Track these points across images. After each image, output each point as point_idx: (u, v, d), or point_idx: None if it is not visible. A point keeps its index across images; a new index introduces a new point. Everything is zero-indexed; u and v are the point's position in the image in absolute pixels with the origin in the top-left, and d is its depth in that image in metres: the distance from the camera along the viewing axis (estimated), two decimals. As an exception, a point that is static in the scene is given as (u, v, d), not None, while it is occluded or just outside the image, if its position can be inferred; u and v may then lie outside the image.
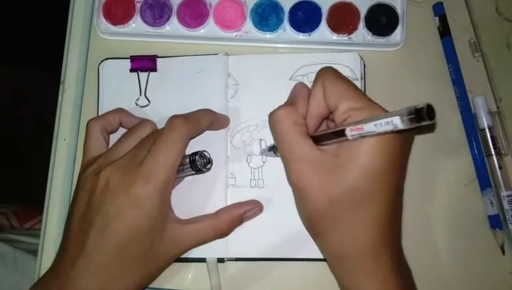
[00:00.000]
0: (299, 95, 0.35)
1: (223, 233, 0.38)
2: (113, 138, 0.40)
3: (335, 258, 0.34)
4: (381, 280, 0.31)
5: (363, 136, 0.29)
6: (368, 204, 0.31)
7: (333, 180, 0.31)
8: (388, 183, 0.31)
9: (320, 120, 0.35)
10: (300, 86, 0.36)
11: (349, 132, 0.29)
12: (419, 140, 0.42)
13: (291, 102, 0.35)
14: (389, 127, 0.26)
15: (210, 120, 0.39)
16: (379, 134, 0.28)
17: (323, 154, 0.32)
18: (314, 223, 0.33)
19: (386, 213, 0.32)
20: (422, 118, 0.24)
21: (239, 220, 0.39)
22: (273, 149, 0.39)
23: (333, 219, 0.32)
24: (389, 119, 0.26)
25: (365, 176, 0.30)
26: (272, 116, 0.34)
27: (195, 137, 0.39)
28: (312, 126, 0.35)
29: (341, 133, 0.30)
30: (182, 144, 0.36)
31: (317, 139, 0.33)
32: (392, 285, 0.32)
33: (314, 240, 0.36)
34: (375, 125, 0.27)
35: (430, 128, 0.42)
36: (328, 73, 0.34)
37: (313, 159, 0.32)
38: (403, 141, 0.31)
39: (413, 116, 0.24)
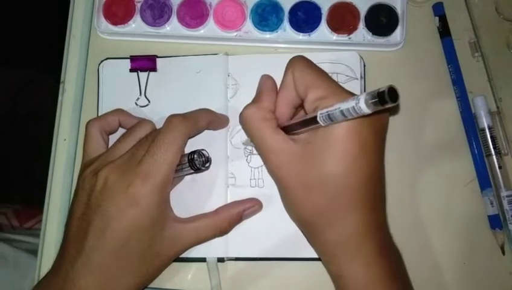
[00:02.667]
0: (264, 90, 0.36)
1: (223, 231, 0.38)
2: (113, 138, 0.40)
3: (319, 245, 0.34)
4: (363, 266, 0.32)
5: (332, 122, 0.29)
6: (344, 191, 0.31)
7: (308, 168, 0.32)
8: (362, 169, 0.31)
9: (293, 109, 0.35)
10: (264, 79, 0.37)
11: (320, 118, 0.30)
12: (418, 140, 0.42)
13: (257, 98, 0.36)
14: (356, 112, 0.27)
15: (209, 119, 0.39)
16: (347, 119, 0.28)
17: (296, 144, 0.33)
18: (295, 211, 0.34)
19: (365, 200, 0.32)
20: (385, 101, 0.24)
21: (238, 218, 0.39)
22: None
23: (312, 207, 0.32)
24: (353, 103, 0.26)
25: (339, 162, 0.31)
26: (240, 116, 0.35)
27: (194, 136, 0.39)
28: (285, 115, 0.35)
29: (312, 120, 0.30)
30: (180, 142, 0.36)
31: (290, 129, 0.34)
32: (375, 270, 0.32)
33: (299, 228, 0.36)
34: (342, 111, 0.27)
35: (395, 111, 0.42)
36: (297, 62, 0.34)
37: (286, 150, 0.33)
38: (374, 125, 0.31)
39: (376, 99, 0.25)
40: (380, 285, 0.32)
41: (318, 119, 0.30)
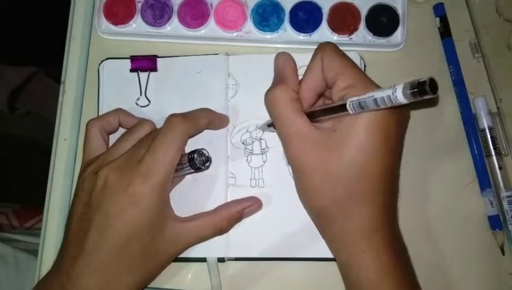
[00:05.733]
0: (287, 70, 0.35)
1: (223, 230, 0.38)
2: (113, 138, 0.40)
3: (330, 234, 0.34)
4: (374, 257, 0.32)
5: (362, 110, 0.29)
6: (363, 181, 0.31)
7: (330, 157, 0.32)
8: (384, 160, 0.31)
9: (316, 95, 0.35)
10: (283, 58, 0.36)
11: (349, 106, 0.29)
12: (419, 140, 0.42)
13: (281, 79, 0.35)
14: (391, 101, 0.26)
15: (208, 119, 0.39)
16: (378, 109, 0.28)
17: (320, 132, 0.33)
18: (311, 199, 0.34)
19: (381, 192, 0.32)
20: (425, 92, 0.23)
21: (238, 217, 0.39)
22: (272, 125, 0.39)
23: (330, 195, 0.32)
24: (390, 92, 0.26)
25: (362, 152, 0.31)
26: (267, 95, 0.35)
27: (194, 136, 0.39)
28: (308, 101, 0.35)
29: (339, 108, 0.30)
30: (180, 142, 0.36)
31: (313, 115, 0.33)
32: (385, 261, 0.32)
33: (310, 216, 0.36)
34: (376, 99, 0.27)
35: (433, 103, 0.42)
36: (327, 47, 0.34)
37: (310, 137, 0.32)
38: (398, 118, 0.31)
39: (415, 90, 0.24)
40: (389, 276, 0.32)
41: (347, 106, 0.29)
